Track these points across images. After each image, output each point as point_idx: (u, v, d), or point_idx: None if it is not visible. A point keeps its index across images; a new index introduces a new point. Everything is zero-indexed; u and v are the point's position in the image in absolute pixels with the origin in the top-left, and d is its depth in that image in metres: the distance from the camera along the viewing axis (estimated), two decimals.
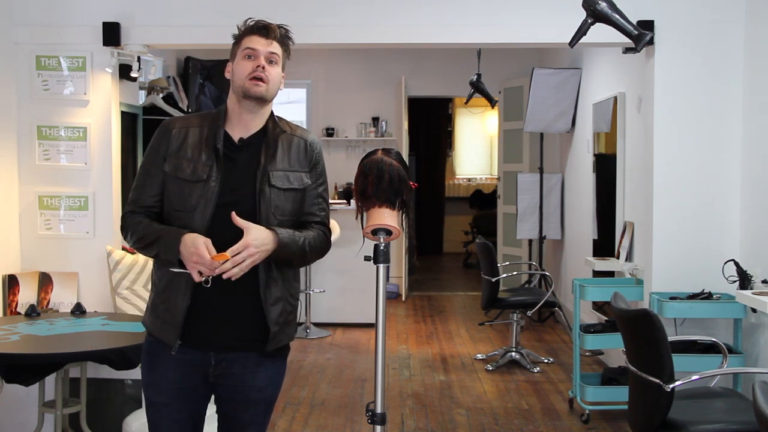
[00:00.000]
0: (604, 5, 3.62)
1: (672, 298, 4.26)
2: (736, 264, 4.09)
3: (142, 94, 5.87)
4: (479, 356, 6.29)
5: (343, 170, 8.76)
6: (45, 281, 4.46)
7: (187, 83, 7.07)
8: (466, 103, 8.63)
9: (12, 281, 4.38)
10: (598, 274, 5.88)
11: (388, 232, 2.44)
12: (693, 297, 4.27)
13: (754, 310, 4.06)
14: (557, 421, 4.77)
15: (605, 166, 6.17)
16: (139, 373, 2.58)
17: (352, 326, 7.22)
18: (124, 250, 4.50)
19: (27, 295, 4.39)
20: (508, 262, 7.94)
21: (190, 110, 6.68)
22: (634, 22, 3.81)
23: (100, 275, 4.46)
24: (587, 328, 4.87)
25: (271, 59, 2.41)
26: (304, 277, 6.96)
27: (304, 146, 2.50)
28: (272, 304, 2.41)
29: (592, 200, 6.50)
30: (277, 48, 2.43)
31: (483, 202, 12.17)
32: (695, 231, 4.46)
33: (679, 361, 3.25)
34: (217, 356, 2.42)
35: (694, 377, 3.20)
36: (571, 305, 5.57)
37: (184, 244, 2.29)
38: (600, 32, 3.84)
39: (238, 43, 2.44)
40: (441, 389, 5.43)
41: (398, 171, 2.46)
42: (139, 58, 4.71)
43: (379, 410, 2.47)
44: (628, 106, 5.61)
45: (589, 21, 3.66)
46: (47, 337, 3.53)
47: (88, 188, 4.50)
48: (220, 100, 7.15)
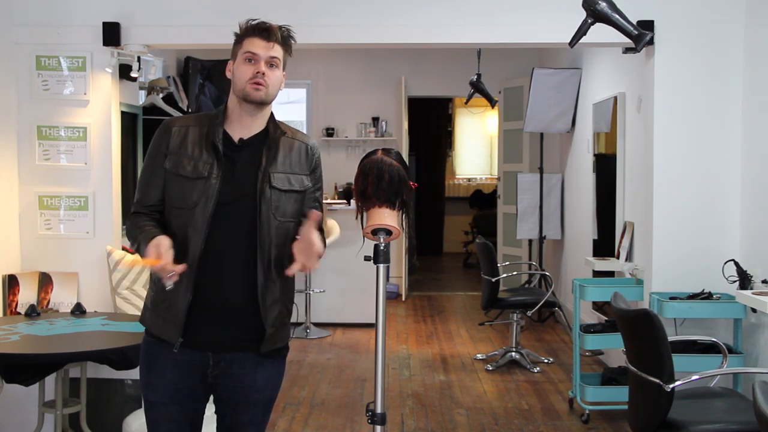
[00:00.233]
0: (604, 5, 3.62)
1: (672, 298, 4.26)
2: (736, 264, 4.09)
3: (142, 94, 5.87)
4: (479, 356, 6.29)
5: (343, 170, 8.77)
6: (45, 281, 4.46)
7: (187, 83, 7.06)
8: (466, 103, 8.63)
9: (12, 281, 4.38)
10: (598, 274, 5.88)
11: (388, 232, 2.44)
12: (693, 297, 4.27)
13: (754, 310, 4.06)
14: (557, 421, 4.77)
15: (605, 166, 6.16)
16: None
17: (352, 326, 7.22)
18: (124, 249, 4.50)
19: (27, 295, 4.39)
20: (508, 262, 7.93)
21: (190, 110, 6.67)
22: (634, 22, 3.81)
23: (100, 275, 4.46)
24: (587, 328, 4.87)
25: (272, 63, 2.39)
26: (305, 277, 6.95)
27: (305, 150, 2.51)
28: (270, 305, 2.41)
29: (592, 200, 6.50)
30: (278, 51, 2.40)
31: (483, 202, 12.16)
32: (695, 231, 4.46)
33: (679, 361, 3.25)
34: (216, 356, 2.42)
35: (694, 377, 3.20)
36: (571, 305, 5.57)
37: (151, 242, 2.25)
38: (600, 32, 3.84)
39: (239, 43, 2.41)
40: (441, 389, 5.43)
41: (398, 171, 2.47)
42: (139, 58, 4.70)
43: (379, 410, 2.47)
44: (628, 106, 5.61)
45: (589, 21, 3.66)
46: (47, 337, 3.53)
47: (88, 188, 4.50)
48: (220, 100, 7.15)
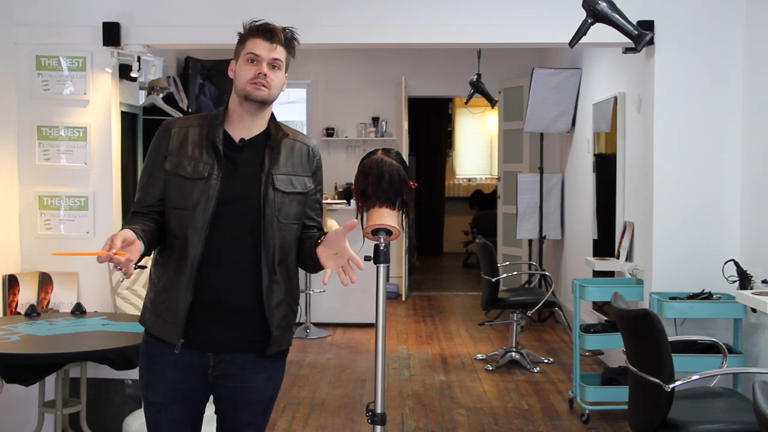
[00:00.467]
0: (604, 5, 3.62)
1: (672, 298, 4.26)
2: (736, 264, 4.09)
3: (142, 94, 5.86)
4: (479, 356, 6.28)
5: (343, 170, 8.77)
6: (45, 281, 4.46)
7: (187, 83, 7.06)
8: (466, 103, 8.62)
9: (12, 281, 4.38)
10: (598, 274, 5.88)
11: (388, 232, 2.44)
12: (693, 297, 4.27)
13: (754, 310, 4.06)
14: (557, 421, 4.77)
15: (605, 166, 6.16)
16: None
17: (352, 326, 7.22)
18: None
19: (27, 295, 4.39)
20: (508, 262, 7.93)
21: (190, 110, 6.67)
22: (634, 22, 3.81)
23: (100, 275, 4.46)
24: (587, 328, 4.87)
25: (274, 65, 2.38)
26: (305, 277, 6.95)
27: (307, 152, 2.51)
28: (275, 307, 2.41)
29: (592, 200, 6.49)
30: (281, 53, 2.39)
31: (483, 202, 12.16)
32: (695, 231, 4.46)
33: (679, 361, 3.25)
34: (216, 357, 2.41)
35: (694, 377, 3.20)
36: (571, 305, 5.57)
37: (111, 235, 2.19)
38: (600, 32, 3.84)
39: (242, 43, 2.40)
40: (441, 389, 5.43)
41: (398, 171, 2.46)
42: (139, 58, 4.70)
43: (379, 410, 2.47)
44: (628, 106, 5.61)
45: (589, 21, 3.66)
46: (47, 337, 3.53)
47: (88, 188, 4.50)
48: (220, 100, 7.14)
